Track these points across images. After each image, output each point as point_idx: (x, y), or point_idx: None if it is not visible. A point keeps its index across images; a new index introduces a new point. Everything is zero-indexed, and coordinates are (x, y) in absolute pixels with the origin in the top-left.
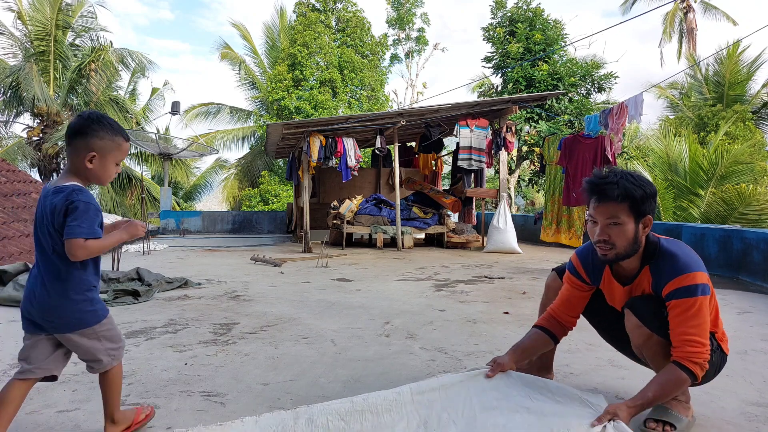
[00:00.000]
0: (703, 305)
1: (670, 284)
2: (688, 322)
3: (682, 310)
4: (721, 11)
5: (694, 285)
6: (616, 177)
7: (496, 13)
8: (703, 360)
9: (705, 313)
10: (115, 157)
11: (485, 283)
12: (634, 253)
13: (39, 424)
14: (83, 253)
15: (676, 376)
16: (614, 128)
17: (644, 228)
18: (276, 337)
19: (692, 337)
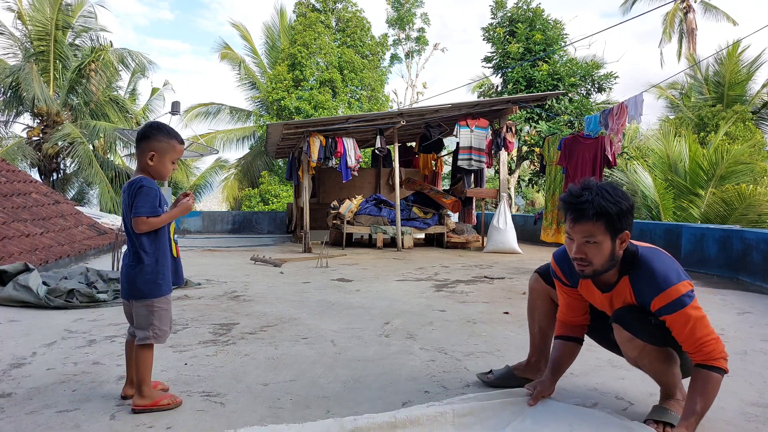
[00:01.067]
0: (694, 310)
1: (655, 301)
2: (693, 332)
3: (680, 324)
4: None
5: (679, 299)
6: (591, 195)
7: (496, 13)
8: (721, 351)
9: (699, 315)
10: (170, 156)
11: (485, 284)
12: (612, 268)
13: (39, 424)
14: (145, 228)
15: (711, 379)
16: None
17: (621, 243)
18: (276, 338)
19: (703, 339)
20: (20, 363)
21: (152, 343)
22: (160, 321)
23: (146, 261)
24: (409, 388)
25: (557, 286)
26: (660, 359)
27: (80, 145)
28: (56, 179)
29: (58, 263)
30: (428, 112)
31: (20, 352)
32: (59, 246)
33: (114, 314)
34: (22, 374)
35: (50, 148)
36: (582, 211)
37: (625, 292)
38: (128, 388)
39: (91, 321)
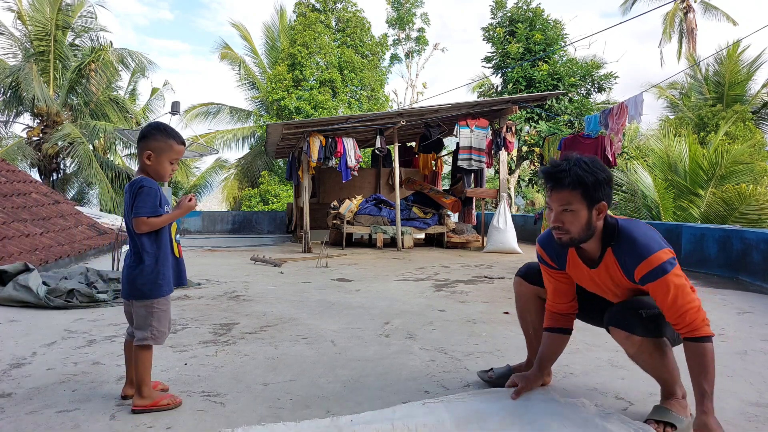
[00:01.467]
0: (676, 278)
1: (638, 270)
2: (675, 300)
3: (662, 292)
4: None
5: (660, 266)
6: (568, 164)
7: (496, 13)
8: (703, 319)
9: (681, 283)
10: (168, 156)
11: (485, 283)
12: (589, 238)
13: (39, 424)
14: (146, 228)
15: (704, 351)
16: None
17: (598, 214)
18: (276, 338)
19: (684, 307)
20: (20, 363)
21: (150, 344)
22: (159, 322)
23: (147, 261)
24: (409, 388)
25: (544, 272)
26: (660, 353)
27: (80, 145)
28: (56, 179)
29: (58, 263)
30: (428, 112)
31: (20, 352)
32: (59, 246)
33: (114, 314)
34: (22, 374)
35: (50, 148)
36: (559, 180)
37: (612, 266)
38: (128, 388)
39: (91, 321)
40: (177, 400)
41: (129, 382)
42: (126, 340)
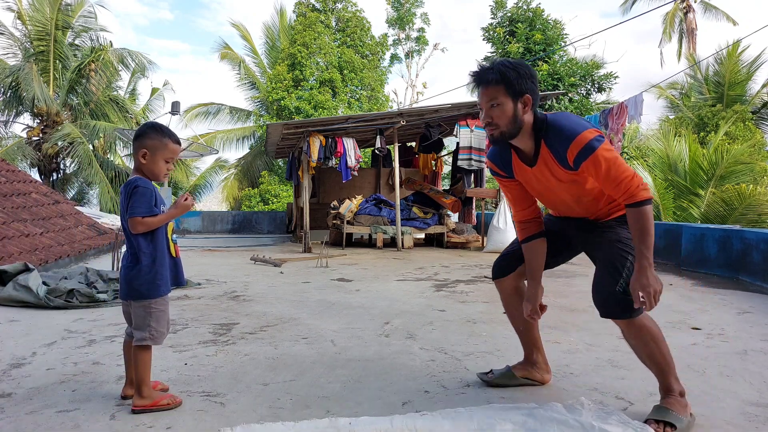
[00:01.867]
0: (606, 152)
1: (569, 153)
2: (609, 173)
3: (595, 169)
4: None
5: (588, 143)
6: (492, 64)
7: (496, 13)
8: (639, 184)
9: (612, 156)
10: (163, 155)
11: (485, 283)
12: (518, 130)
13: (39, 424)
14: (142, 228)
15: (640, 214)
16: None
17: (524, 107)
18: (276, 338)
19: (620, 177)
20: (20, 363)
21: (149, 344)
22: (157, 322)
23: (144, 261)
24: (409, 388)
25: (500, 185)
26: (649, 338)
27: (80, 145)
28: (56, 179)
29: (58, 263)
30: (428, 112)
31: (20, 352)
32: (59, 246)
33: (114, 314)
34: (22, 374)
35: (50, 148)
36: (484, 78)
37: (549, 160)
38: (128, 389)
39: (91, 321)
40: (177, 400)
41: (129, 382)
42: (125, 341)
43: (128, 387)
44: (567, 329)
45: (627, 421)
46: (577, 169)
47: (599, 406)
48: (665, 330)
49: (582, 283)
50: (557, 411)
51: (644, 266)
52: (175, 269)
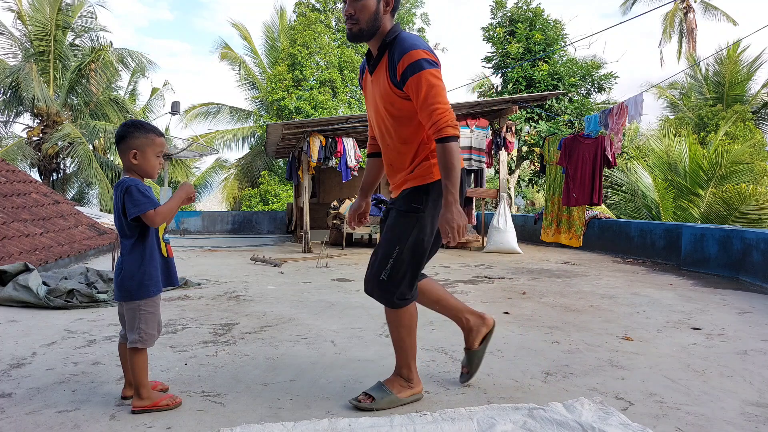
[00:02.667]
0: (432, 77)
1: (400, 64)
2: (427, 97)
3: (416, 89)
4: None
5: (419, 61)
6: None
7: (496, 13)
8: (448, 120)
9: (436, 83)
10: (152, 150)
11: (485, 284)
12: (375, 30)
13: (39, 424)
14: (161, 219)
15: (444, 150)
16: (614, 128)
17: (386, 6)
18: (276, 338)
19: (435, 104)
20: (20, 363)
21: (139, 346)
22: (146, 324)
23: (133, 261)
24: None
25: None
26: (402, 327)
27: (80, 145)
28: (56, 179)
29: (57, 263)
30: None
31: (20, 352)
32: (59, 246)
33: (114, 314)
34: (22, 374)
35: (50, 148)
36: None
37: (384, 70)
38: (128, 389)
39: (91, 321)
40: (177, 401)
41: (128, 383)
42: (119, 342)
43: (128, 388)
44: (567, 329)
45: (627, 422)
46: (402, 85)
47: (599, 407)
48: (665, 330)
49: (582, 283)
50: (557, 411)
51: (449, 202)
52: (167, 270)
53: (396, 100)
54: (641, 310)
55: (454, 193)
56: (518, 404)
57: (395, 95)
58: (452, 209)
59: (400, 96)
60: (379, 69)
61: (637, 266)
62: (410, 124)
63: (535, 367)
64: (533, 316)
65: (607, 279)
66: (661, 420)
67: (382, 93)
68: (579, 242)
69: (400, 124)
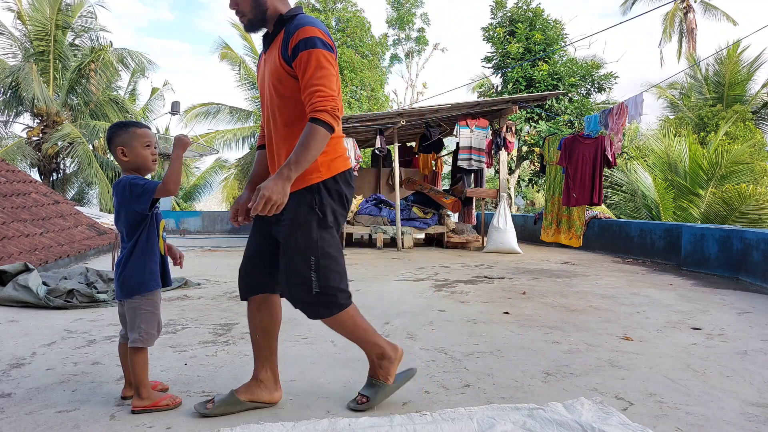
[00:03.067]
0: (324, 59)
1: (294, 38)
2: (313, 76)
3: (304, 66)
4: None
5: (314, 38)
6: None
7: (496, 13)
8: (328, 107)
9: (328, 65)
10: (138, 142)
11: (485, 284)
12: (263, 14)
13: (39, 424)
14: (171, 186)
15: (310, 129)
16: (614, 128)
17: None
18: None
19: (317, 87)
20: (20, 363)
21: (140, 345)
22: (147, 323)
23: (136, 259)
24: (409, 388)
25: None
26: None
27: (80, 145)
28: (56, 179)
29: (57, 263)
30: (428, 112)
31: (20, 352)
32: (59, 246)
33: (114, 314)
34: (21, 374)
35: (50, 148)
36: None
37: (276, 46)
38: (128, 389)
39: (90, 321)
40: (177, 401)
41: (128, 383)
42: (120, 342)
43: (128, 388)
44: (567, 329)
45: (627, 422)
46: (293, 60)
47: (599, 407)
48: (665, 330)
49: (582, 284)
50: (557, 412)
51: (282, 174)
52: (162, 268)
53: (284, 77)
54: (641, 310)
55: (293, 171)
56: (518, 404)
57: (284, 71)
58: (278, 182)
59: (289, 73)
60: (273, 45)
61: (637, 266)
62: (297, 106)
63: (535, 367)
64: (533, 316)
65: (607, 279)
66: (661, 420)
67: (272, 69)
68: (579, 242)
69: (286, 105)
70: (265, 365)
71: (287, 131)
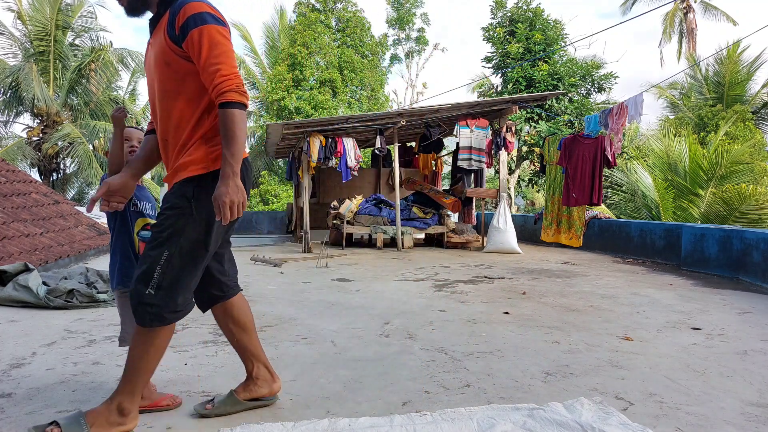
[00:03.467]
0: (217, 34)
1: (179, 16)
2: (208, 57)
3: (197, 46)
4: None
5: (203, 13)
6: None
7: (496, 13)
8: (232, 86)
9: (221, 41)
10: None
11: (485, 284)
12: None
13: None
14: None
15: (225, 116)
16: (614, 128)
17: None
18: (276, 337)
19: (217, 66)
20: (20, 363)
21: (121, 345)
22: (123, 323)
23: (111, 252)
24: (409, 388)
25: None
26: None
27: (80, 145)
28: (56, 179)
29: (57, 263)
30: (428, 112)
31: (20, 352)
32: (59, 246)
33: (114, 314)
34: (22, 374)
35: (50, 148)
36: None
37: (162, 28)
38: None
39: (91, 321)
40: (177, 401)
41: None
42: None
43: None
44: (567, 329)
45: (627, 422)
46: (182, 40)
47: (599, 407)
48: (665, 330)
49: (582, 283)
50: (557, 412)
51: (226, 174)
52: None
53: (173, 58)
54: (641, 310)
55: (233, 165)
56: (518, 404)
57: (172, 52)
58: (228, 183)
59: (178, 54)
60: (158, 28)
61: (637, 266)
62: (186, 89)
63: (535, 367)
64: (533, 316)
65: (607, 279)
66: (661, 420)
67: (158, 51)
68: (579, 242)
69: (175, 88)
70: (255, 361)
71: (178, 116)
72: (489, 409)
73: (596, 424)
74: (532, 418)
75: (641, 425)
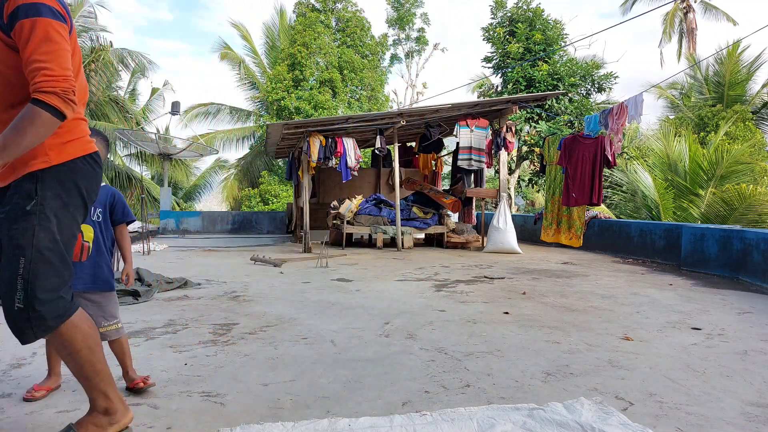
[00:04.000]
0: (52, 29)
1: (7, 6)
2: (37, 50)
3: (26, 35)
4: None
5: (34, 3)
6: None
7: (496, 13)
8: (62, 89)
9: (59, 38)
10: None
11: (485, 284)
12: None
13: (39, 424)
14: None
15: (28, 112)
16: (614, 128)
17: None
18: (276, 338)
19: (42, 64)
20: (20, 363)
21: None
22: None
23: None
24: (409, 388)
25: None
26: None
27: None
28: None
29: None
30: (428, 112)
31: (20, 352)
32: None
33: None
34: (22, 374)
35: None
36: None
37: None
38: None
39: None
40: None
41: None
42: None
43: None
44: (567, 329)
45: (627, 422)
46: (10, 29)
47: (599, 407)
48: (665, 330)
49: (582, 284)
50: (557, 412)
51: None
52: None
53: (2, 50)
54: (641, 310)
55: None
56: (518, 404)
57: (2, 43)
58: None
59: (8, 44)
60: None
61: (637, 266)
62: (20, 84)
63: (535, 367)
64: (533, 316)
65: (607, 279)
66: (661, 420)
67: None
68: (579, 242)
69: (7, 83)
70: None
71: (8, 116)
72: (489, 409)
73: (596, 424)
74: (532, 418)
75: (641, 425)
